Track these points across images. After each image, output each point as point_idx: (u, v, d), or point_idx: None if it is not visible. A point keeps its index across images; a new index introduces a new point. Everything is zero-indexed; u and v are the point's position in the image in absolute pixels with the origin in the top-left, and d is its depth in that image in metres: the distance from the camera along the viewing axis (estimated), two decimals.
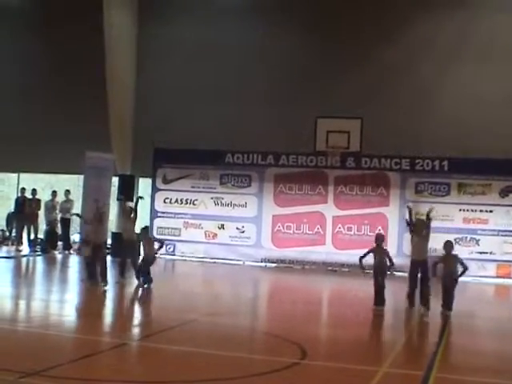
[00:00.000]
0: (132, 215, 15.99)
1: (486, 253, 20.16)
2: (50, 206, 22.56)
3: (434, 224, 13.99)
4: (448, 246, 13.15)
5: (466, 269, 12.95)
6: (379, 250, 13.41)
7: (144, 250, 15.36)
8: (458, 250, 19.74)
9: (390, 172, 21.12)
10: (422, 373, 7.92)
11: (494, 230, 20.24)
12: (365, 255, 13.37)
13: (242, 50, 22.61)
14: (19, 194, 23.21)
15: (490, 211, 20.31)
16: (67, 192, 22.90)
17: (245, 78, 22.47)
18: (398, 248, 20.12)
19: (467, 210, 20.45)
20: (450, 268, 12.89)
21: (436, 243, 13.57)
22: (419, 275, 13.18)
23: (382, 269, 13.22)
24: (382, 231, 20.43)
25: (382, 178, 21.16)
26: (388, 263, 13.29)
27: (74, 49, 23.35)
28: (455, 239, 14.40)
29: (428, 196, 20.73)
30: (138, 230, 16.17)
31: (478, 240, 20.20)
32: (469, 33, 21.08)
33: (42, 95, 23.77)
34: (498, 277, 20.19)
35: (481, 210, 20.37)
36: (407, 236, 19.85)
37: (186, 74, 22.81)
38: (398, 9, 21.50)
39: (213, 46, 22.75)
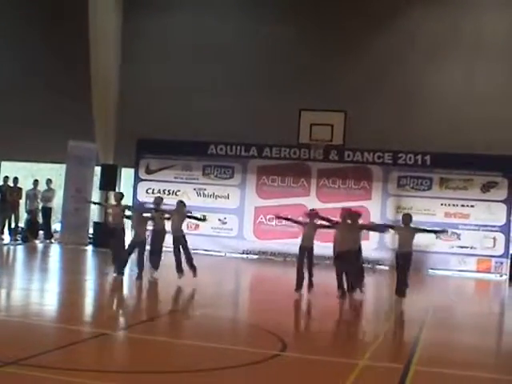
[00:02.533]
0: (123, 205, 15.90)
1: (467, 247, 20.31)
2: (32, 195, 22.39)
3: (415, 218, 14.03)
4: (406, 217, 13.16)
5: (437, 232, 12.93)
6: (344, 226, 13.26)
7: (134, 228, 14.67)
8: (439, 244, 20.00)
9: (373, 166, 21.20)
10: (401, 366, 7.96)
11: (475, 225, 20.39)
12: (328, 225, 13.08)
13: (224, 42, 22.58)
14: (2, 183, 23.01)
15: (472, 206, 20.45)
16: (49, 181, 22.74)
17: (228, 70, 22.45)
18: (380, 241, 20.19)
19: (449, 205, 20.58)
20: (404, 242, 12.80)
21: (417, 238, 13.59)
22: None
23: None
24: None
25: (364, 172, 21.24)
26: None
27: (58, 39, 23.24)
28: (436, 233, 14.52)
29: (410, 190, 20.85)
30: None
31: (459, 234, 20.32)
32: (455, 29, 21.20)
33: (25, 84, 23.62)
34: (478, 271, 20.37)
35: (462, 205, 20.51)
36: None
37: (169, 66, 22.78)
38: (384, 3, 21.55)
39: (195, 38, 22.75)
